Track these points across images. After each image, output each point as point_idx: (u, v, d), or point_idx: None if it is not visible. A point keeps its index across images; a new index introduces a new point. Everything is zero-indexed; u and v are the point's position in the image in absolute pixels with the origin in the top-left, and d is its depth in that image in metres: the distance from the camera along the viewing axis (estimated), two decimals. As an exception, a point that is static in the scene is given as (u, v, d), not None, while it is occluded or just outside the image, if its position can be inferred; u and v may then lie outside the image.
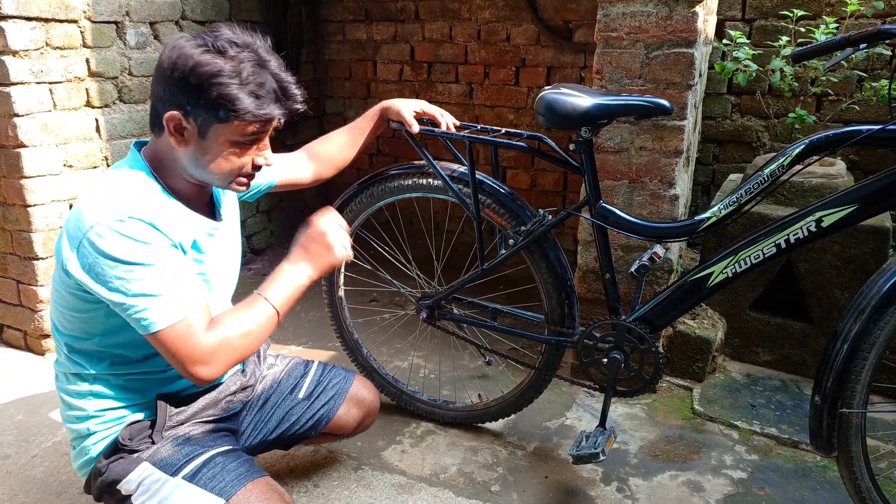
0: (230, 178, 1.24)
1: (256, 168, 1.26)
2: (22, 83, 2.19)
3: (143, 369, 1.28)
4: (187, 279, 1.17)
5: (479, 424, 2.04)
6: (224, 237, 1.37)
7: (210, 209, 1.37)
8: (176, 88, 1.15)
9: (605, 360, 1.67)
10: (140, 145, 1.29)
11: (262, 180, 1.60)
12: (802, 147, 1.41)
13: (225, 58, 1.14)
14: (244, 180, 1.27)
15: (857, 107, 2.46)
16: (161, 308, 1.11)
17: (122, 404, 1.30)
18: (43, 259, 2.37)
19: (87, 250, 1.11)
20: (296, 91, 1.21)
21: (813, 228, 1.40)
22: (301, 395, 1.59)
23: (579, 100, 1.50)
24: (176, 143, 1.19)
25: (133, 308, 1.11)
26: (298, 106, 1.22)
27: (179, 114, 1.16)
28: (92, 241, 1.11)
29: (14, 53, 2.15)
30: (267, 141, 1.25)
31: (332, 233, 1.32)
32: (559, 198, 3.30)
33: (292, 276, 1.28)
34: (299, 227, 1.35)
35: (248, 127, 1.17)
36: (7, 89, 2.17)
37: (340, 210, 1.93)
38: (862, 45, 1.36)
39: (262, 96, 1.15)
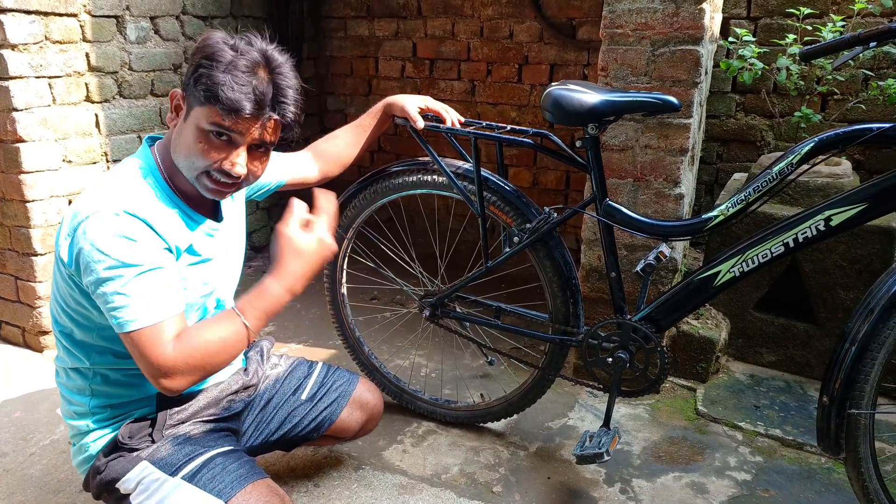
0: (196, 171, 1.19)
1: (224, 173, 1.19)
2: (21, 77, 2.17)
3: (143, 366, 1.26)
4: (169, 285, 1.15)
5: (481, 424, 2.02)
6: (224, 237, 1.35)
7: (214, 209, 1.35)
8: (189, 68, 1.19)
9: (610, 359, 1.66)
10: (153, 140, 1.29)
11: (270, 179, 1.60)
12: (811, 145, 1.40)
13: (234, 51, 1.15)
14: (210, 184, 1.20)
15: (862, 106, 2.44)
16: (137, 308, 1.10)
17: (121, 401, 1.29)
18: (41, 255, 2.35)
19: (79, 239, 1.12)
20: (288, 105, 1.18)
21: (822, 227, 1.39)
22: (304, 397, 1.57)
23: (587, 96, 1.48)
24: (170, 122, 1.23)
25: (111, 303, 1.11)
26: (277, 117, 1.17)
27: (181, 91, 1.21)
28: (85, 231, 1.11)
29: (13, 47, 2.13)
30: (243, 150, 1.19)
31: (310, 242, 1.21)
32: (561, 196, 3.29)
33: (274, 293, 1.19)
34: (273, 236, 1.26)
35: (217, 115, 1.13)
36: (6, 83, 2.15)
37: (343, 207, 1.91)
38: (872, 43, 1.34)
39: (242, 90, 1.12)
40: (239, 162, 1.19)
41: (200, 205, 1.30)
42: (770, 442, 1.95)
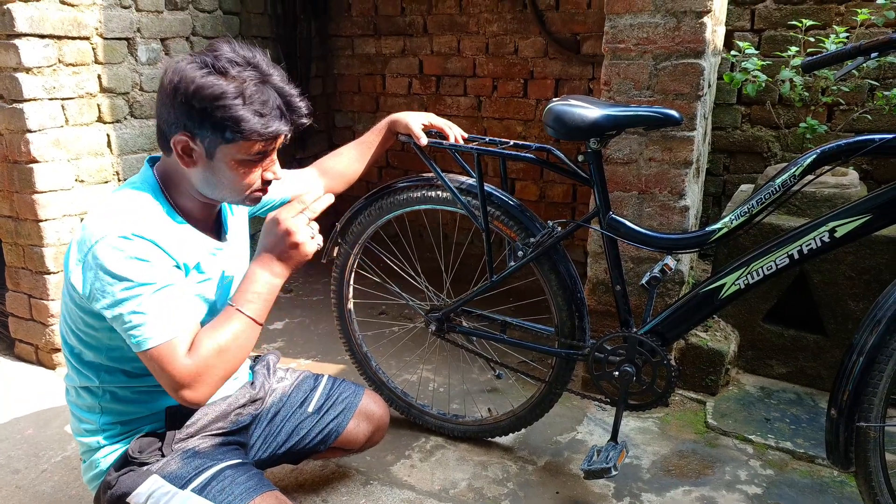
0: (242, 196, 1.26)
1: (266, 183, 1.27)
2: (35, 99, 2.21)
3: (151, 383, 1.28)
4: (183, 300, 1.18)
5: (489, 439, 2.02)
6: (229, 255, 1.37)
7: (217, 228, 1.38)
8: (181, 112, 1.15)
9: (617, 373, 1.65)
10: (154, 161, 1.31)
11: (274, 197, 1.61)
12: (814, 157, 1.40)
13: (227, 78, 1.14)
14: (258, 195, 1.28)
15: (868, 116, 2.44)
16: (153, 326, 1.12)
17: (130, 417, 1.31)
18: (54, 273, 2.38)
19: (91, 264, 1.13)
20: (300, 104, 1.22)
21: (826, 239, 1.38)
22: (311, 409, 1.58)
23: (588, 111, 1.50)
24: (185, 165, 1.21)
25: (128, 323, 1.12)
26: (304, 120, 1.23)
27: (186, 136, 1.17)
28: (95, 256, 1.13)
29: (27, 70, 2.18)
30: (274, 155, 1.26)
31: (298, 230, 1.22)
32: (569, 209, 3.29)
33: (264, 279, 1.22)
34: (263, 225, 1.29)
35: (254, 146, 1.18)
36: (20, 106, 2.19)
37: (349, 223, 1.93)
38: (873, 54, 1.35)
39: (266, 114, 1.16)
40: (276, 168, 1.28)
41: (204, 224, 1.32)
42: (781, 455, 1.94)
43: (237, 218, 1.46)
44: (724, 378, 2.23)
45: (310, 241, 1.24)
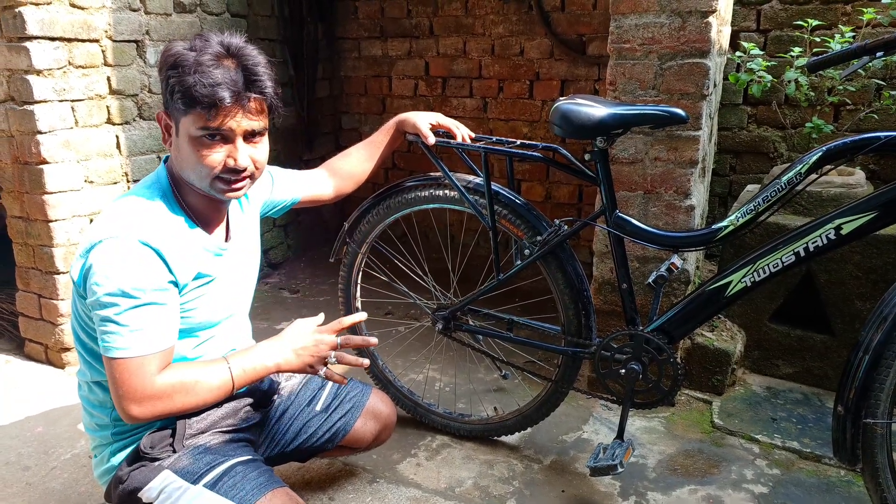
0: (205, 178, 1.22)
1: (231, 171, 1.22)
2: (45, 101, 2.24)
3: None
4: (163, 321, 1.19)
5: (495, 438, 2.03)
6: (235, 255, 1.39)
7: (224, 227, 1.39)
8: (161, 85, 1.22)
9: (623, 371, 1.66)
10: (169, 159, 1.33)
11: (285, 197, 1.63)
12: (819, 154, 1.40)
13: (194, 51, 1.18)
14: (223, 185, 1.23)
15: (875, 116, 2.44)
16: (125, 339, 1.14)
17: None
18: (63, 273, 2.40)
19: (89, 261, 1.16)
20: (263, 80, 1.20)
21: (832, 236, 1.39)
22: (318, 408, 1.59)
23: (594, 110, 1.51)
24: (164, 142, 1.26)
25: (103, 326, 1.15)
26: (257, 95, 1.19)
27: (164, 111, 1.23)
28: (95, 255, 1.15)
29: (38, 73, 2.20)
30: (239, 142, 1.21)
31: (320, 353, 1.32)
32: (575, 210, 3.30)
33: (265, 357, 1.28)
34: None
35: (202, 118, 1.16)
36: (31, 107, 2.22)
37: (357, 222, 1.94)
38: (879, 53, 1.35)
39: (214, 83, 1.14)
40: (240, 155, 1.21)
41: (212, 222, 1.33)
42: (787, 454, 1.93)
43: (248, 216, 1.47)
44: (730, 378, 2.23)
45: (321, 366, 1.33)
